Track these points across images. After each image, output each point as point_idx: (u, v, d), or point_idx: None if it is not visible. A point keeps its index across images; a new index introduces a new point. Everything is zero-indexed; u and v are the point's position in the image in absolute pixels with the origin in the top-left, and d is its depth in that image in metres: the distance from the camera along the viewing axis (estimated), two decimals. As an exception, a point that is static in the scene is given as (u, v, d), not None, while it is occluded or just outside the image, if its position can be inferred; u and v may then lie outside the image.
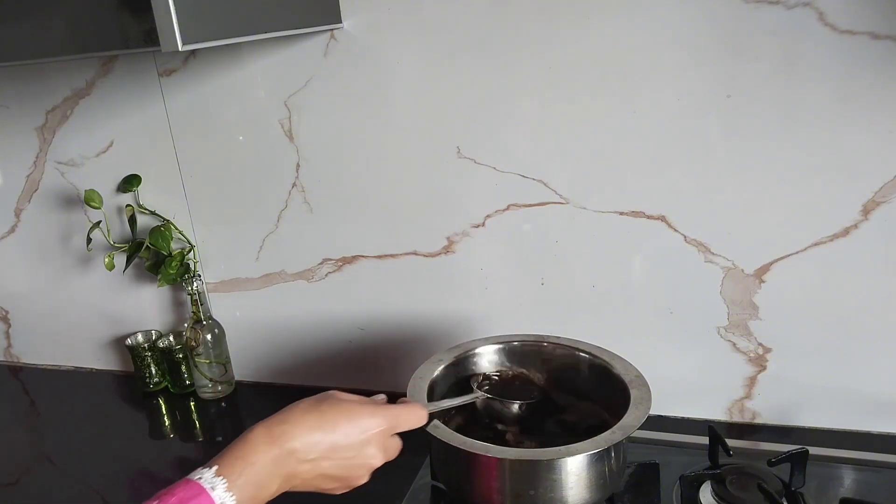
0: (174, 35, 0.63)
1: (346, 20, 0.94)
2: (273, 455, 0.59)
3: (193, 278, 1.11)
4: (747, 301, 0.90)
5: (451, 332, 1.05)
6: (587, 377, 0.88)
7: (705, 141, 0.85)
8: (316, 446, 0.61)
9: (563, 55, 0.87)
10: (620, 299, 0.96)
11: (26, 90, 1.16)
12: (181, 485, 0.56)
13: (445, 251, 1.01)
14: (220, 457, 0.59)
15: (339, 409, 0.63)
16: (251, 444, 0.59)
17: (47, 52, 0.73)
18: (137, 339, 1.22)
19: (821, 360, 0.91)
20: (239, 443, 0.60)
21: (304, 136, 1.02)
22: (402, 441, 0.69)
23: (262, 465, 0.58)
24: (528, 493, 0.72)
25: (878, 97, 0.78)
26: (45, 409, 1.25)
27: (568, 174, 0.92)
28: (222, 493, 0.56)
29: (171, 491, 0.55)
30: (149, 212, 1.15)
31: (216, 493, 0.55)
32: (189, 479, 0.56)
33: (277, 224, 1.09)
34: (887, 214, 0.82)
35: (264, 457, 0.59)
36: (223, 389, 1.17)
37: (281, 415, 0.63)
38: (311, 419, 0.62)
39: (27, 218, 1.27)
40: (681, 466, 0.85)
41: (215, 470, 0.57)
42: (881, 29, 0.76)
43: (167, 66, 1.06)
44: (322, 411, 0.63)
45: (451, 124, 0.94)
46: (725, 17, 0.80)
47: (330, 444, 0.62)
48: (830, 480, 0.83)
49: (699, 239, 0.90)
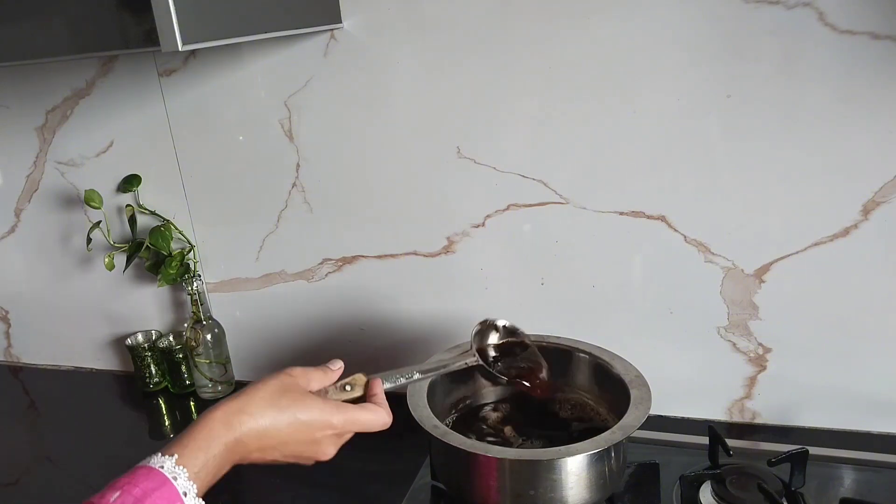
0: (174, 35, 0.63)
1: (346, 20, 0.94)
2: (229, 443, 0.59)
3: (193, 278, 1.11)
4: (747, 301, 0.90)
5: (451, 332, 1.05)
6: (587, 377, 0.88)
7: (705, 141, 0.85)
8: (269, 440, 0.62)
9: (563, 55, 0.87)
10: (620, 299, 0.96)
11: (26, 90, 1.16)
12: (141, 473, 0.55)
13: (445, 251, 1.01)
14: (179, 443, 0.58)
15: (299, 406, 0.63)
16: (211, 432, 0.59)
17: (47, 52, 0.73)
18: (137, 339, 1.22)
19: (821, 360, 0.90)
20: (197, 429, 0.59)
21: (304, 136, 1.02)
22: (402, 439, 0.69)
23: (218, 453, 0.59)
24: (528, 493, 0.72)
25: (878, 97, 0.78)
26: (45, 409, 1.25)
27: (568, 174, 0.92)
28: (185, 482, 0.55)
29: (133, 481, 0.54)
30: (149, 212, 1.15)
31: (179, 483, 0.55)
32: (150, 468, 0.55)
33: (277, 224, 1.09)
34: (887, 214, 0.82)
35: (221, 444, 0.59)
36: (223, 389, 1.17)
37: (240, 401, 0.62)
38: (270, 414, 0.61)
39: (27, 218, 1.26)
40: (681, 466, 0.85)
41: (176, 459, 0.56)
42: (881, 29, 0.76)
43: (167, 66, 1.06)
44: (281, 408, 0.62)
45: (450, 124, 0.94)
46: (725, 17, 0.80)
47: (283, 439, 0.62)
48: (830, 480, 0.83)
49: (699, 239, 0.90)
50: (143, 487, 0.53)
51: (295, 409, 0.63)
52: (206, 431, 0.59)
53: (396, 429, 0.67)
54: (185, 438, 0.59)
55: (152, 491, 0.53)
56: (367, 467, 0.94)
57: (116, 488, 0.53)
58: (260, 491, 0.94)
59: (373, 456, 0.97)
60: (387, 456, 0.95)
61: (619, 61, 0.85)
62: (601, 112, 0.88)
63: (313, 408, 0.64)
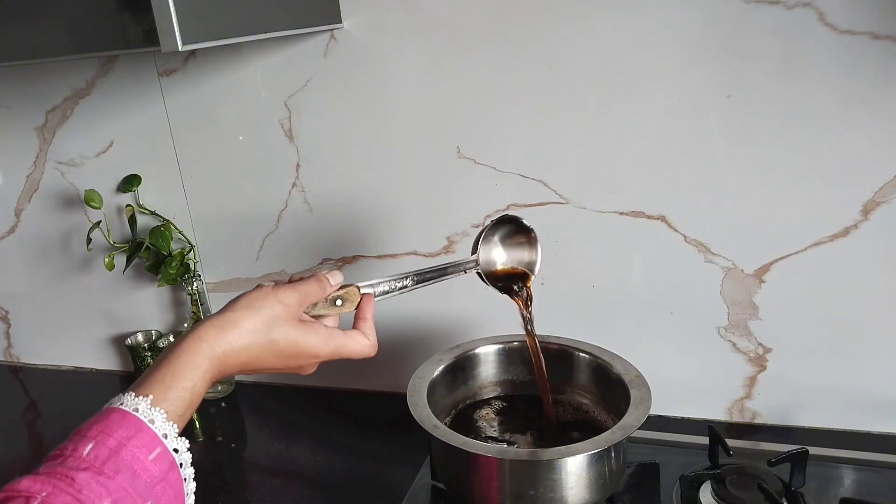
0: (174, 35, 0.63)
1: (346, 20, 0.94)
2: (209, 375, 0.56)
3: (193, 278, 1.11)
4: (747, 301, 0.90)
5: (451, 332, 1.05)
6: (587, 377, 0.88)
7: (705, 141, 0.85)
8: (252, 366, 0.59)
9: (563, 55, 0.87)
10: (620, 299, 0.96)
11: (26, 90, 1.16)
12: (114, 419, 0.51)
13: (445, 251, 1.01)
14: (155, 379, 0.54)
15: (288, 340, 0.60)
16: (193, 367, 0.55)
17: (47, 52, 0.73)
18: (137, 339, 1.22)
19: (821, 360, 0.90)
20: (177, 362, 0.55)
21: (304, 136, 1.02)
22: (402, 439, 0.68)
23: (198, 384, 0.55)
24: (528, 493, 0.72)
25: (878, 97, 0.78)
26: (45, 409, 1.25)
27: (568, 174, 0.92)
28: (163, 423, 0.52)
29: (106, 429, 0.50)
30: (149, 212, 1.15)
31: (157, 426, 0.51)
32: (123, 412, 0.51)
33: (277, 224, 1.09)
34: (887, 214, 0.82)
35: (201, 378, 0.56)
36: (223, 389, 1.17)
37: (227, 334, 0.58)
38: (257, 347, 0.59)
39: (27, 218, 1.26)
40: (681, 466, 0.84)
41: (151, 399, 0.52)
42: (881, 29, 0.76)
43: (167, 66, 1.06)
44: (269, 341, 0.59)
45: (450, 124, 0.94)
46: (725, 17, 0.80)
47: (267, 365, 0.60)
48: (830, 480, 0.83)
49: (699, 239, 0.90)
50: (117, 437, 0.49)
51: (283, 343, 0.60)
52: (187, 367, 0.55)
53: (396, 429, 0.67)
54: (161, 372, 0.54)
55: (128, 440, 0.50)
56: (366, 467, 0.94)
57: (89, 438, 0.49)
58: (260, 491, 0.94)
59: (372, 456, 0.97)
60: (387, 456, 0.95)
61: (619, 61, 0.85)
62: (601, 112, 0.88)
63: (302, 342, 0.61)
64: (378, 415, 1.08)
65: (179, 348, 0.56)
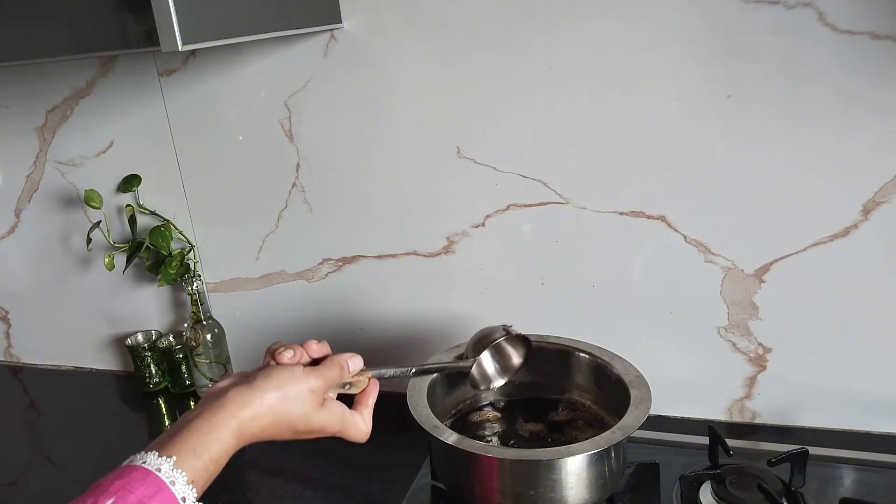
0: (174, 35, 0.63)
1: (346, 20, 0.94)
2: (234, 450, 0.58)
3: (193, 278, 1.11)
4: (747, 301, 0.90)
5: (451, 332, 1.05)
6: (587, 377, 0.88)
7: (705, 141, 0.85)
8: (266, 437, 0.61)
9: (563, 55, 0.87)
10: (620, 299, 0.96)
11: (26, 90, 1.16)
12: (136, 477, 0.52)
13: (445, 251, 1.01)
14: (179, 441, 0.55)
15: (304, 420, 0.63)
16: (221, 442, 0.57)
17: (47, 52, 0.73)
18: (137, 339, 1.22)
19: (821, 360, 0.90)
20: (208, 437, 0.56)
21: (304, 136, 1.02)
22: (402, 439, 0.69)
23: (223, 458, 0.57)
24: (528, 493, 0.72)
25: (878, 97, 0.78)
26: (45, 409, 1.25)
27: (568, 174, 0.92)
28: (183, 486, 0.52)
29: (127, 486, 0.51)
30: (149, 212, 1.15)
31: (177, 489, 0.52)
32: (146, 471, 0.52)
33: (277, 224, 1.09)
34: (887, 214, 0.82)
35: (229, 451, 0.58)
36: (223, 389, 1.17)
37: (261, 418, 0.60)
38: (276, 425, 0.61)
39: (27, 218, 1.26)
40: (681, 466, 0.84)
41: (174, 461, 0.53)
42: (881, 29, 0.76)
43: (167, 66, 1.06)
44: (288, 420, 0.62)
45: (451, 124, 0.94)
46: (725, 17, 0.80)
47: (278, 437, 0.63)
48: (830, 480, 0.83)
49: (699, 239, 0.90)
50: (138, 494, 0.51)
51: (300, 424, 0.63)
52: (217, 442, 0.57)
53: (396, 429, 0.67)
54: (190, 441, 0.56)
55: (148, 498, 0.51)
56: (366, 467, 0.94)
57: (110, 493, 0.50)
58: (260, 491, 0.94)
59: (373, 456, 0.97)
60: (387, 456, 0.95)
61: (619, 61, 0.85)
62: (601, 112, 0.88)
63: (315, 421, 0.64)
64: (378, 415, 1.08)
65: (210, 422, 0.57)
